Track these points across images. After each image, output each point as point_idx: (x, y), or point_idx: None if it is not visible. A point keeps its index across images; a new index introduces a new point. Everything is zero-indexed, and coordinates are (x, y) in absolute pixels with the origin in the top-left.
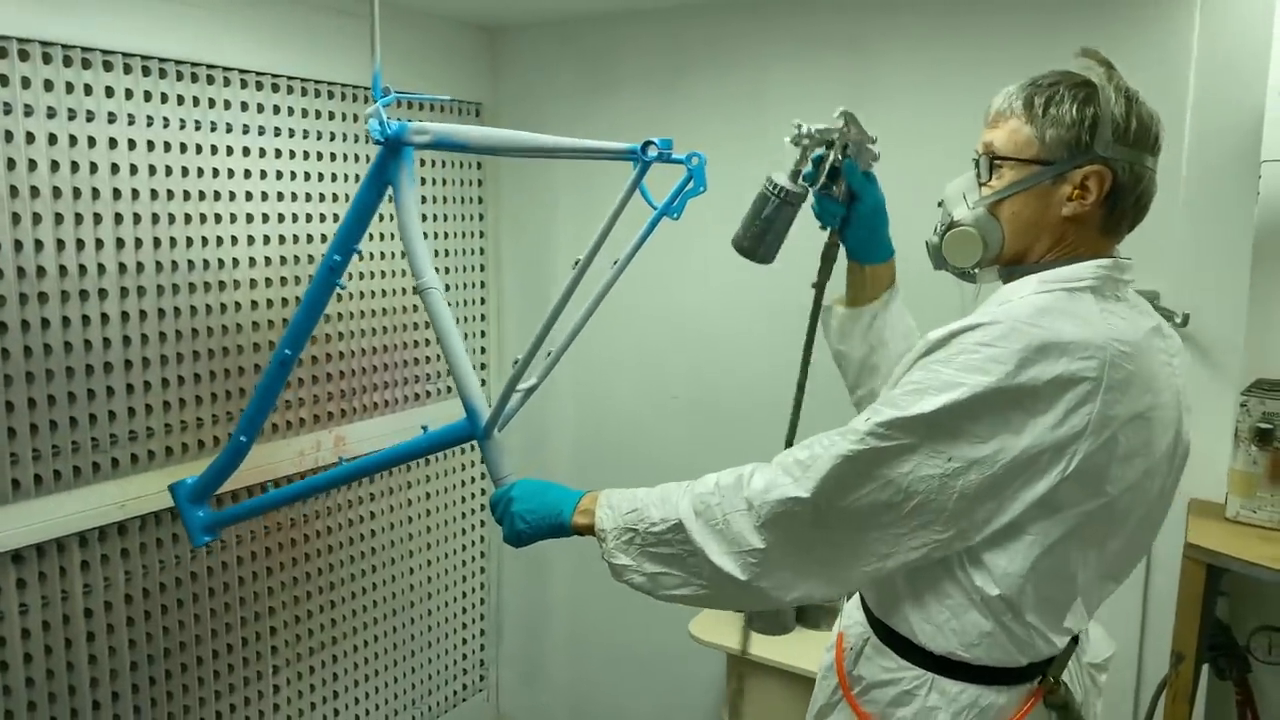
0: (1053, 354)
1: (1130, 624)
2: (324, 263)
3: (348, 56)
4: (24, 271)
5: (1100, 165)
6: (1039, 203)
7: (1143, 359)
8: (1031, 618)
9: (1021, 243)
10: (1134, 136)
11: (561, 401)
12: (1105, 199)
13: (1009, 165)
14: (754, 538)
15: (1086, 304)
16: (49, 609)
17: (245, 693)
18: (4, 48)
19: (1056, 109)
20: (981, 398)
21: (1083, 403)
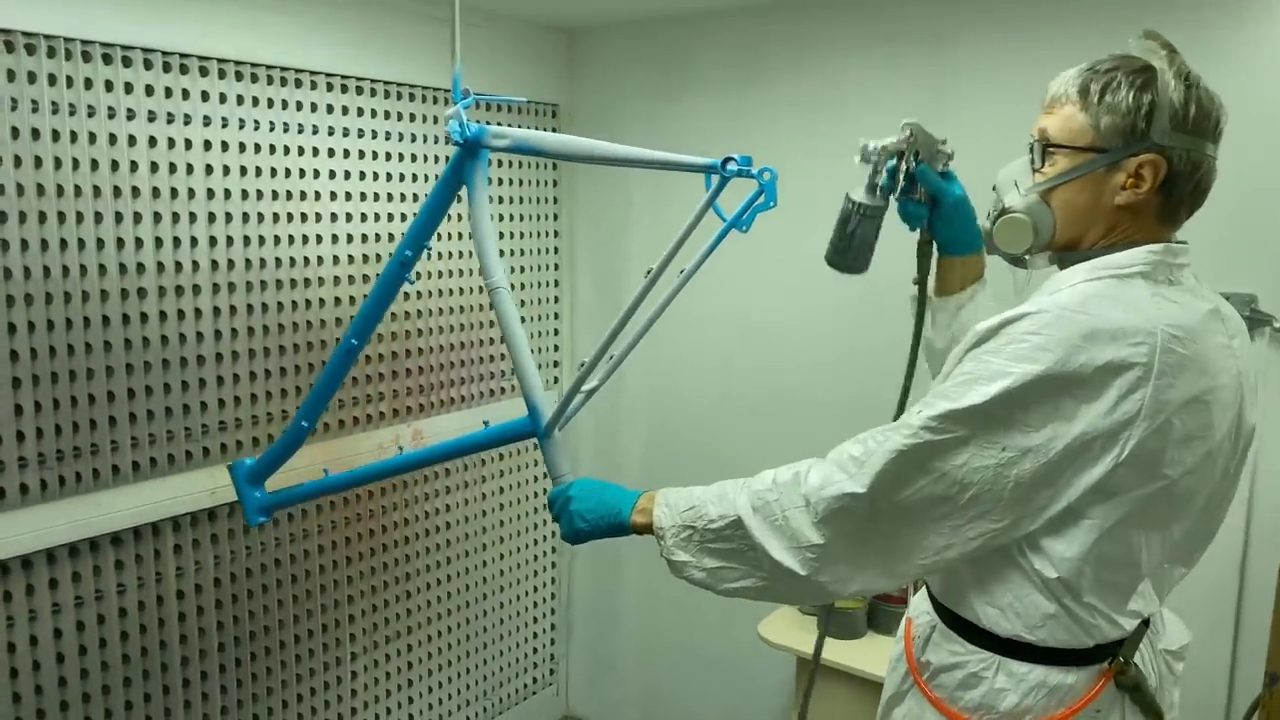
0: (1101, 340)
1: (1222, 642)
2: (395, 257)
3: (427, 59)
4: (125, 268)
5: (1156, 154)
6: (1092, 190)
7: (1198, 342)
8: (1092, 599)
9: (1074, 230)
10: (1192, 123)
11: (633, 400)
12: (1161, 187)
13: (1063, 152)
14: (812, 534)
15: (1137, 289)
16: (144, 589)
17: (325, 677)
18: (128, 57)
19: (1113, 95)
20: (1031, 385)
21: (1134, 388)
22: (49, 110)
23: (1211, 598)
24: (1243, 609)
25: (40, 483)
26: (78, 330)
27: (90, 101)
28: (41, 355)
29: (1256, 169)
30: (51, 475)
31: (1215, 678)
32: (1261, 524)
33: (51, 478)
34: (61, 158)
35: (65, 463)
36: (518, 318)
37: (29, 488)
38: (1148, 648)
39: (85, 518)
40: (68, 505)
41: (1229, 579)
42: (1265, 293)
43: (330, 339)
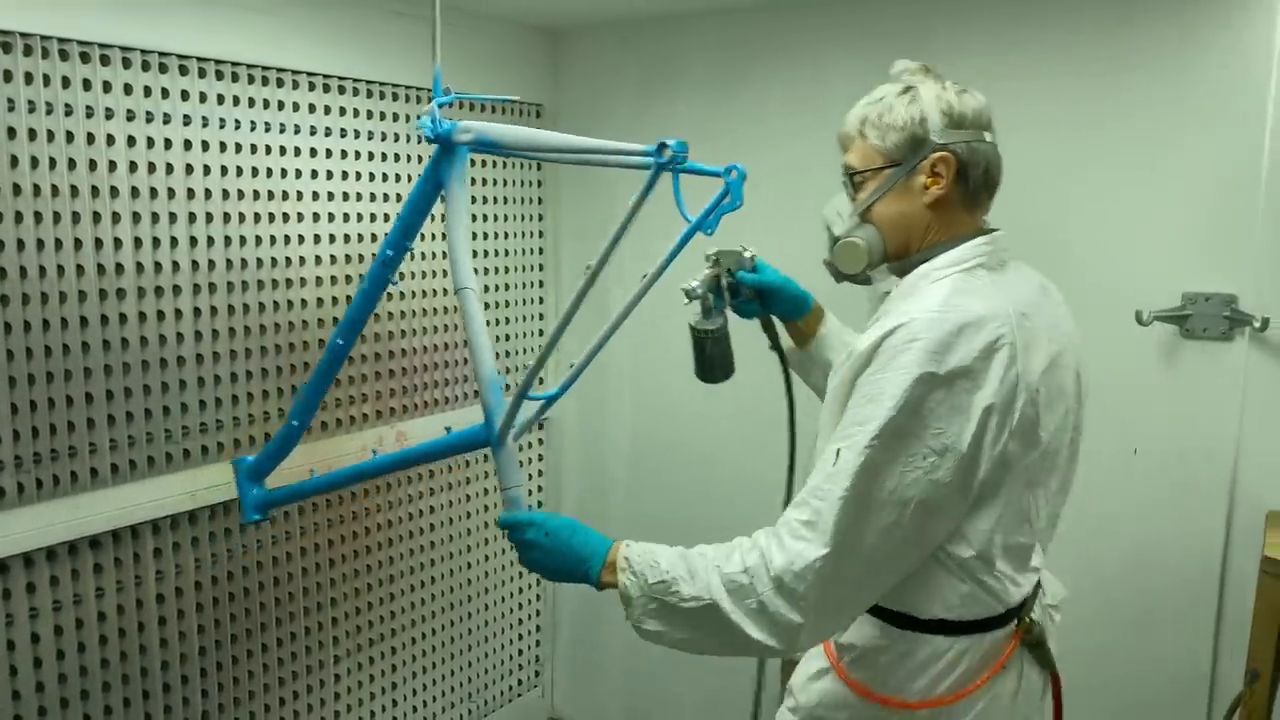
0: (971, 330)
1: (1203, 639)
2: (377, 258)
3: (410, 59)
4: (103, 269)
5: (942, 151)
6: (903, 199)
7: (1041, 314)
8: (1002, 567)
9: (900, 237)
10: (963, 119)
11: (620, 400)
12: (957, 178)
13: (867, 177)
14: (793, 615)
15: (981, 280)
16: (123, 593)
17: (307, 680)
18: (107, 56)
19: (890, 116)
20: (924, 390)
21: (1009, 365)
22: (25, 109)
23: (1192, 595)
24: (1224, 606)
25: (17, 486)
26: (55, 331)
27: (69, 100)
28: (18, 357)
29: (1235, 170)
30: (28, 478)
31: (1196, 675)
32: (1241, 521)
33: (28, 481)
34: (39, 157)
35: (42, 465)
36: (483, 321)
37: (5, 491)
38: (1038, 604)
39: (63, 521)
40: (45, 509)
41: (1209, 576)
42: (1245, 293)
43: (313, 340)
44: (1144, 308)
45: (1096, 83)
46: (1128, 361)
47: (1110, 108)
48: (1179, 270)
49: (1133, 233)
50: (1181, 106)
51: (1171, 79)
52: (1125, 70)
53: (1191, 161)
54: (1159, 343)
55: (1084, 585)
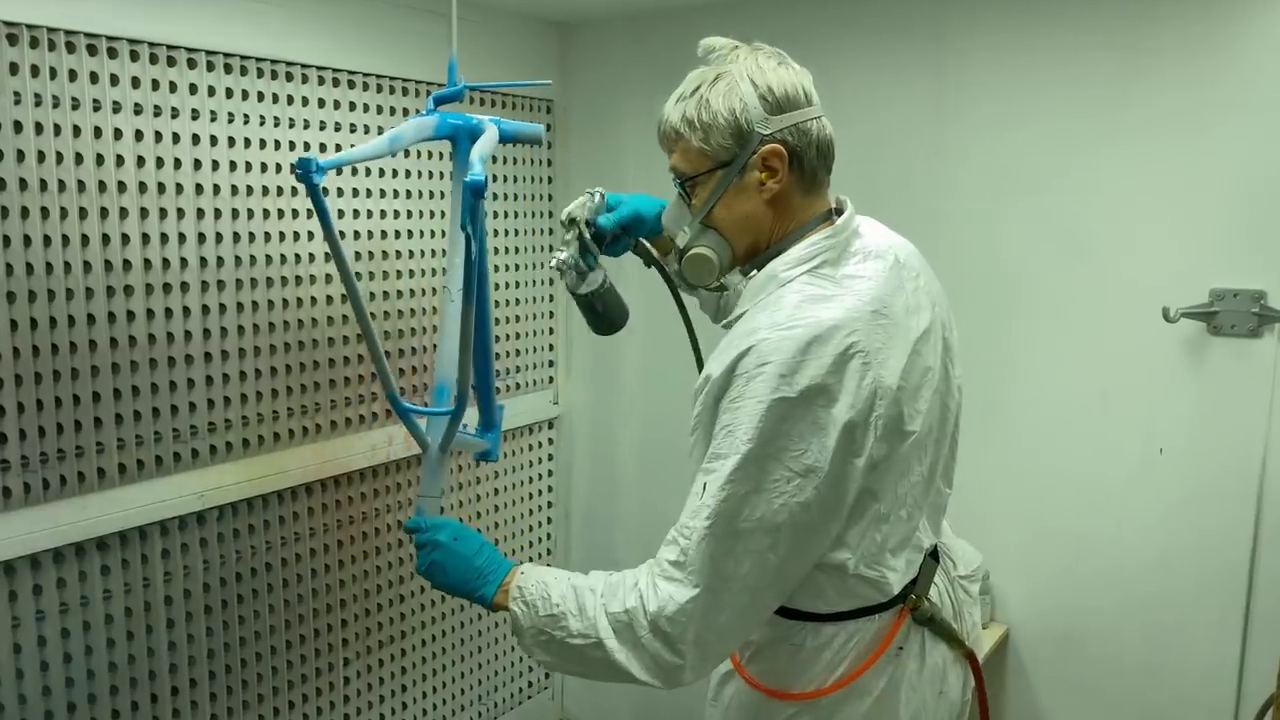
0: (819, 344)
1: (1231, 641)
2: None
3: (422, 53)
4: (110, 265)
5: (770, 143)
6: (740, 199)
7: (895, 301)
8: (880, 559)
9: (747, 238)
10: (783, 101)
11: (630, 399)
12: (791, 167)
13: (699, 181)
14: (672, 656)
15: (826, 280)
16: (131, 596)
17: (317, 683)
18: (114, 48)
19: (707, 113)
20: (780, 413)
21: (863, 375)
22: (32, 102)
23: (1219, 596)
24: (1251, 607)
25: (23, 486)
26: (61, 329)
27: (76, 94)
28: (24, 355)
29: (1264, 164)
30: (35, 479)
31: (1224, 677)
32: (1270, 521)
33: (35, 481)
34: (45, 151)
35: (49, 466)
36: (455, 327)
37: (11, 491)
38: (942, 578)
39: (71, 522)
40: (52, 509)
41: (1237, 577)
42: (1274, 289)
43: (323, 338)
44: (1171, 304)
45: (1122, 76)
46: (1154, 359)
47: (1136, 101)
48: (1206, 266)
49: (1159, 228)
50: (1208, 100)
51: (1199, 73)
52: (1151, 64)
53: (1219, 156)
54: (1186, 340)
55: (1109, 586)
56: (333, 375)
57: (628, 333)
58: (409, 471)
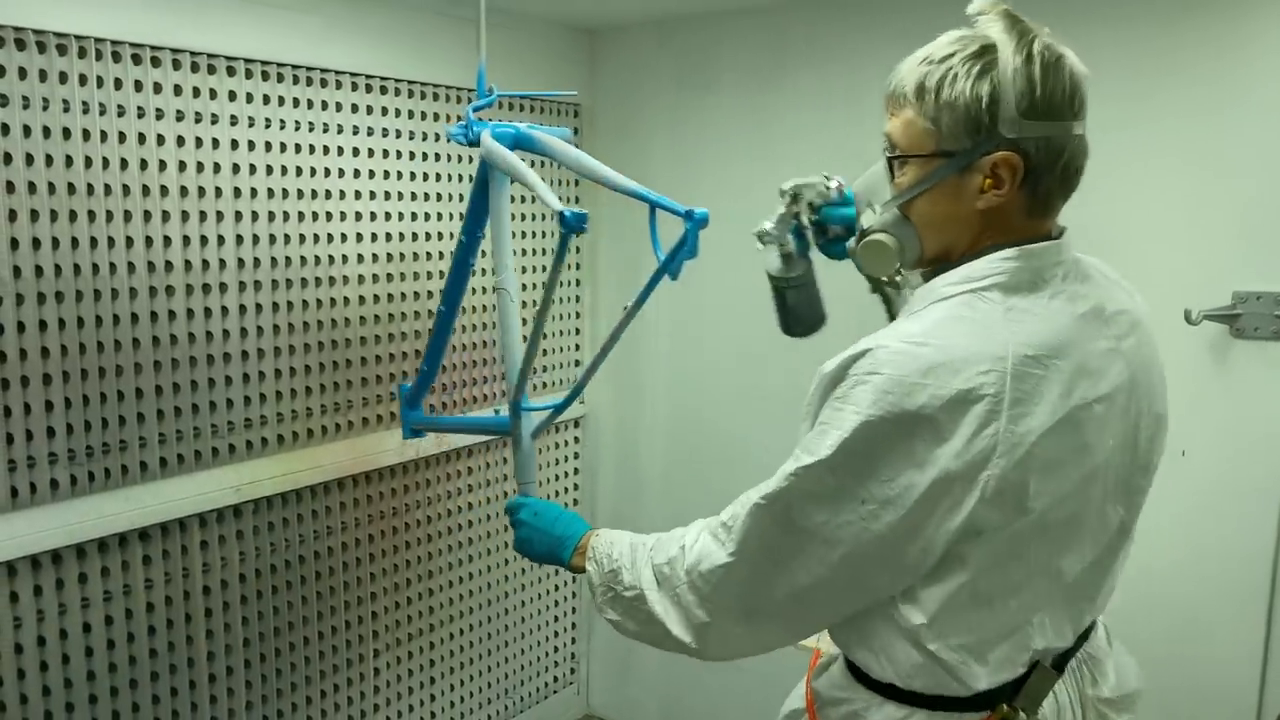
0: (943, 374)
1: (1253, 647)
2: (457, 241)
3: (452, 59)
4: (153, 266)
5: (1009, 150)
6: (950, 198)
7: (1066, 356)
8: (962, 643)
9: (940, 242)
10: (1045, 106)
11: (655, 398)
12: (1023, 184)
13: (911, 161)
14: (700, 611)
15: (990, 306)
16: (171, 585)
17: (347, 674)
18: (157, 57)
19: (950, 90)
20: (873, 431)
21: (986, 423)
22: (79, 110)
23: (1242, 601)
24: (1274, 612)
25: (70, 478)
26: (106, 328)
27: (120, 101)
28: (71, 352)
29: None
30: (80, 471)
31: (1246, 683)
32: None
33: (80, 473)
34: (91, 157)
35: (94, 458)
36: (518, 323)
37: (59, 483)
38: (1069, 693)
39: (113, 513)
40: (96, 501)
41: (1260, 582)
42: None
43: (355, 337)
44: (1193, 307)
45: (1142, 75)
46: (1176, 362)
47: (1159, 103)
48: (1229, 268)
49: (1181, 230)
50: (1231, 101)
51: (1221, 74)
52: (1172, 62)
53: (1242, 157)
54: (1208, 343)
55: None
56: (364, 373)
57: (654, 334)
58: (438, 468)
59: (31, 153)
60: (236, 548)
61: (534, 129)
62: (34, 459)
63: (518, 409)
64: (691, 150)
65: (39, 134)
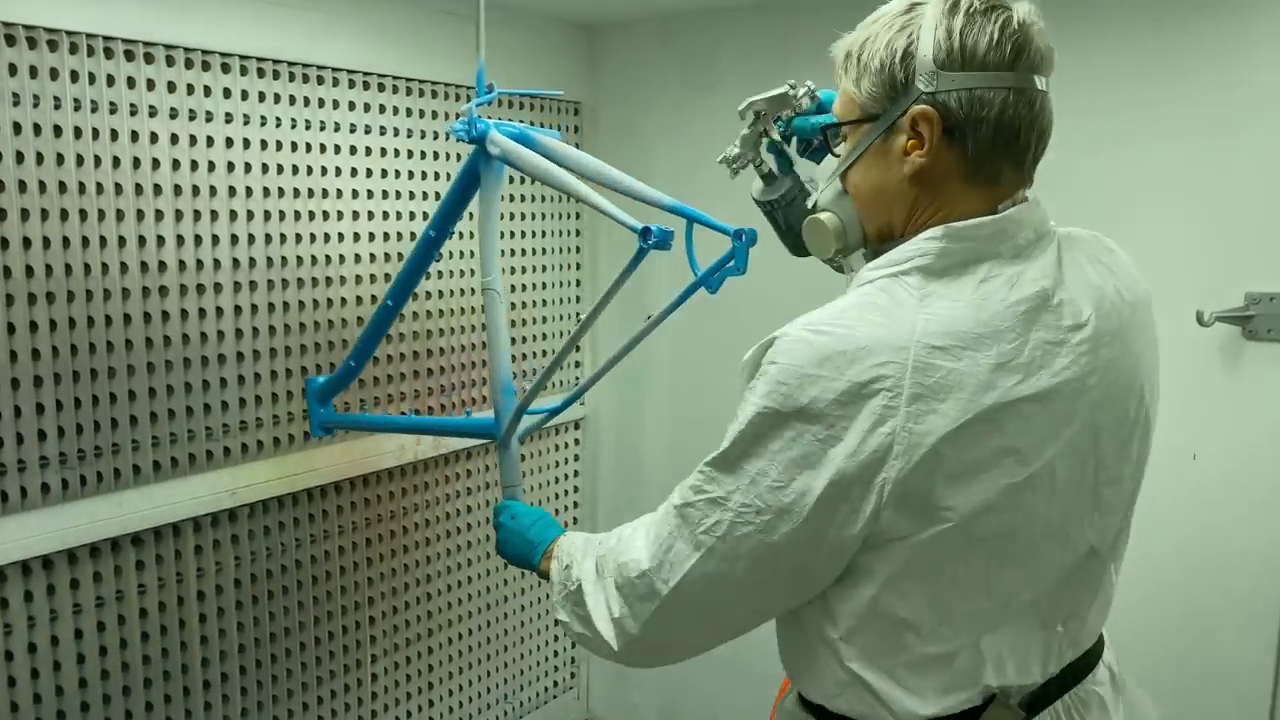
0: (838, 364)
1: (1265, 651)
2: (423, 235)
3: (451, 56)
4: (147, 266)
5: (924, 104)
6: (879, 166)
7: (984, 349)
8: (885, 663)
9: (877, 217)
10: (968, 56)
11: (657, 402)
12: (950, 141)
13: (844, 131)
14: (621, 606)
15: (906, 292)
16: (165, 590)
17: (345, 679)
18: (150, 54)
19: (869, 50)
20: (766, 427)
21: (881, 420)
22: (71, 107)
23: (1253, 606)
24: None
25: (61, 482)
26: (99, 329)
27: (112, 98)
28: (62, 353)
29: None
30: (72, 475)
31: (1258, 688)
32: None
33: (72, 477)
34: (83, 155)
35: (86, 462)
36: (504, 323)
37: (50, 487)
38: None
39: (106, 518)
40: (88, 505)
41: (1272, 586)
42: None
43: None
44: (1205, 308)
45: (1152, 76)
46: (1188, 363)
47: (1167, 102)
48: (1241, 269)
49: (1192, 230)
50: (1244, 100)
51: (1234, 73)
52: (1183, 64)
53: (1253, 157)
54: (1220, 344)
55: (1139, 595)
56: (361, 375)
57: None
58: (435, 471)
59: (23, 150)
60: (232, 552)
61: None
62: (25, 463)
63: (499, 415)
64: (694, 150)
65: (30, 131)
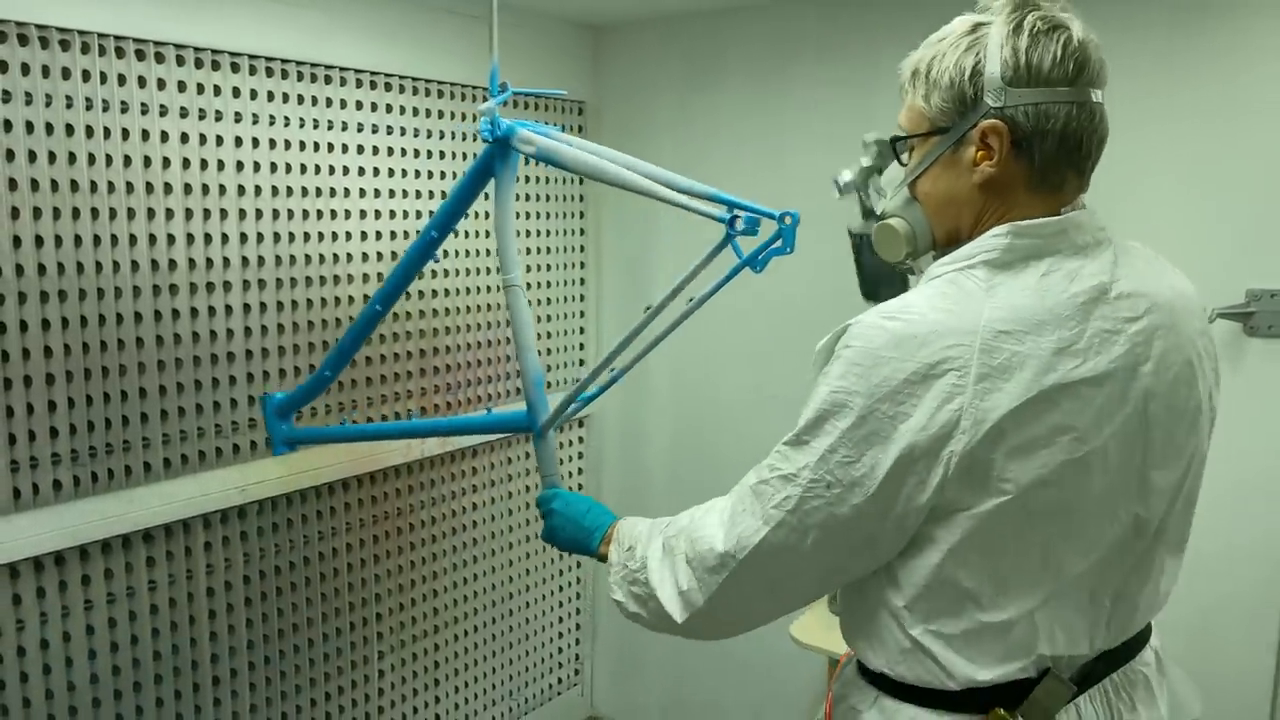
0: (910, 347)
1: (1266, 650)
2: (422, 235)
3: (458, 55)
4: (156, 264)
5: (995, 118)
6: (949, 175)
7: (1046, 334)
8: (945, 632)
9: (946, 222)
10: (1033, 73)
11: (661, 399)
12: (1017, 152)
13: (914, 144)
14: (692, 585)
15: (974, 284)
16: (175, 586)
17: (352, 675)
18: (161, 53)
19: (939, 67)
20: (839, 406)
21: (950, 397)
22: (82, 106)
23: (1255, 604)
24: None
25: (73, 479)
26: (109, 326)
27: (124, 97)
28: (74, 351)
29: None
30: (84, 471)
31: (1259, 686)
32: None
33: (84, 474)
34: (94, 153)
35: (98, 459)
36: (530, 317)
37: (62, 484)
38: (1099, 714)
39: (117, 514)
40: (100, 501)
41: (1273, 583)
42: None
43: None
44: (1206, 304)
45: (1153, 75)
46: None
47: (1172, 99)
48: (1242, 266)
49: (1195, 227)
50: (1246, 98)
51: (1236, 71)
52: (1187, 65)
53: (1254, 155)
54: (1222, 341)
55: None
56: (369, 373)
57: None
58: (443, 468)
59: (34, 149)
60: (240, 549)
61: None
62: (37, 460)
63: (534, 406)
64: (698, 148)
65: (42, 130)
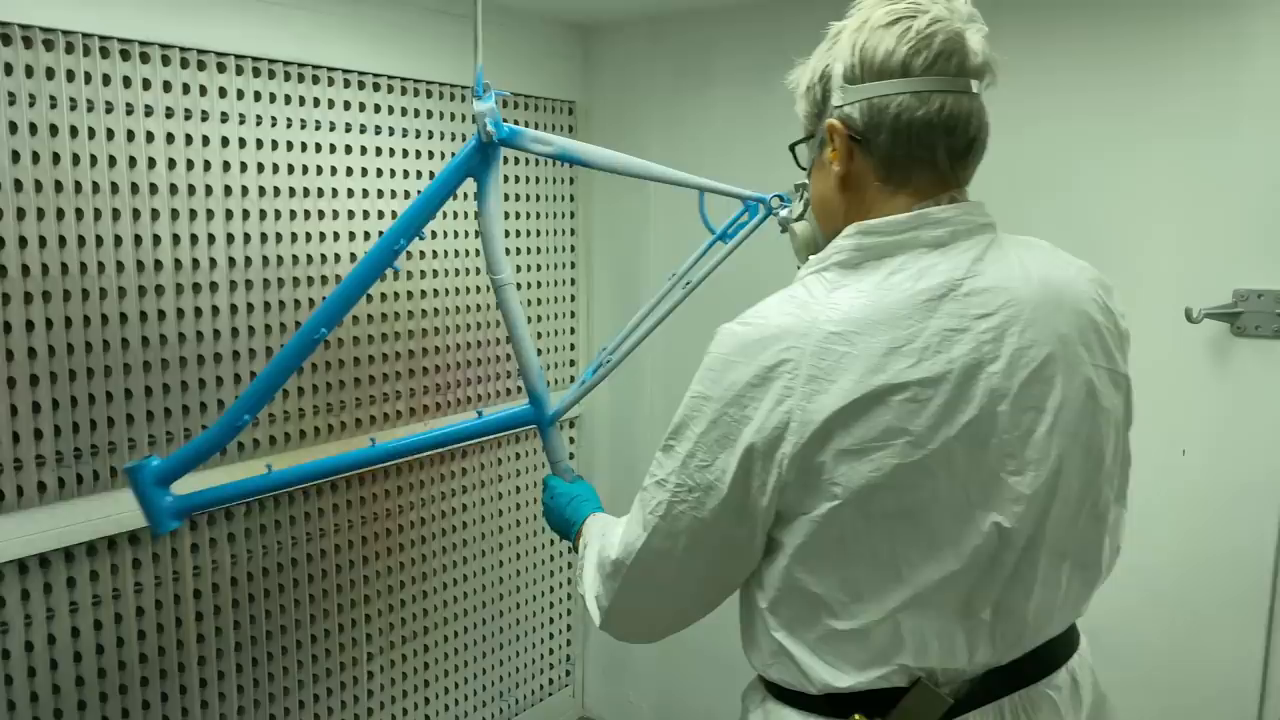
0: (753, 350)
1: (1254, 647)
2: (385, 244)
3: (447, 56)
4: (142, 265)
5: (834, 117)
6: (819, 178)
7: (877, 334)
8: (806, 636)
9: (827, 224)
10: (865, 67)
11: (652, 395)
12: (859, 149)
13: (803, 150)
14: (601, 582)
15: (822, 287)
16: (161, 589)
17: (341, 677)
18: (147, 53)
19: (804, 73)
20: (696, 410)
21: (781, 399)
22: (67, 106)
23: (1242, 601)
24: (1275, 612)
25: (58, 481)
26: (95, 327)
27: (109, 98)
28: (59, 352)
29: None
30: (69, 473)
31: (1246, 683)
32: None
33: (69, 476)
34: (80, 154)
35: (83, 461)
36: (522, 312)
37: (46, 486)
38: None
39: (103, 516)
40: (85, 504)
41: (1261, 581)
42: None
43: (347, 337)
44: (1194, 305)
45: (1142, 76)
46: (1176, 360)
47: (1157, 101)
48: (1230, 266)
49: (1181, 228)
50: (1233, 98)
51: (1223, 71)
52: (1172, 64)
53: (1242, 156)
54: (1209, 341)
55: (1128, 591)
56: (358, 374)
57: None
58: (432, 469)
59: (19, 150)
60: (228, 550)
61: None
62: (21, 461)
63: (538, 398)
64: (688, 147)
65: (26, 130)
